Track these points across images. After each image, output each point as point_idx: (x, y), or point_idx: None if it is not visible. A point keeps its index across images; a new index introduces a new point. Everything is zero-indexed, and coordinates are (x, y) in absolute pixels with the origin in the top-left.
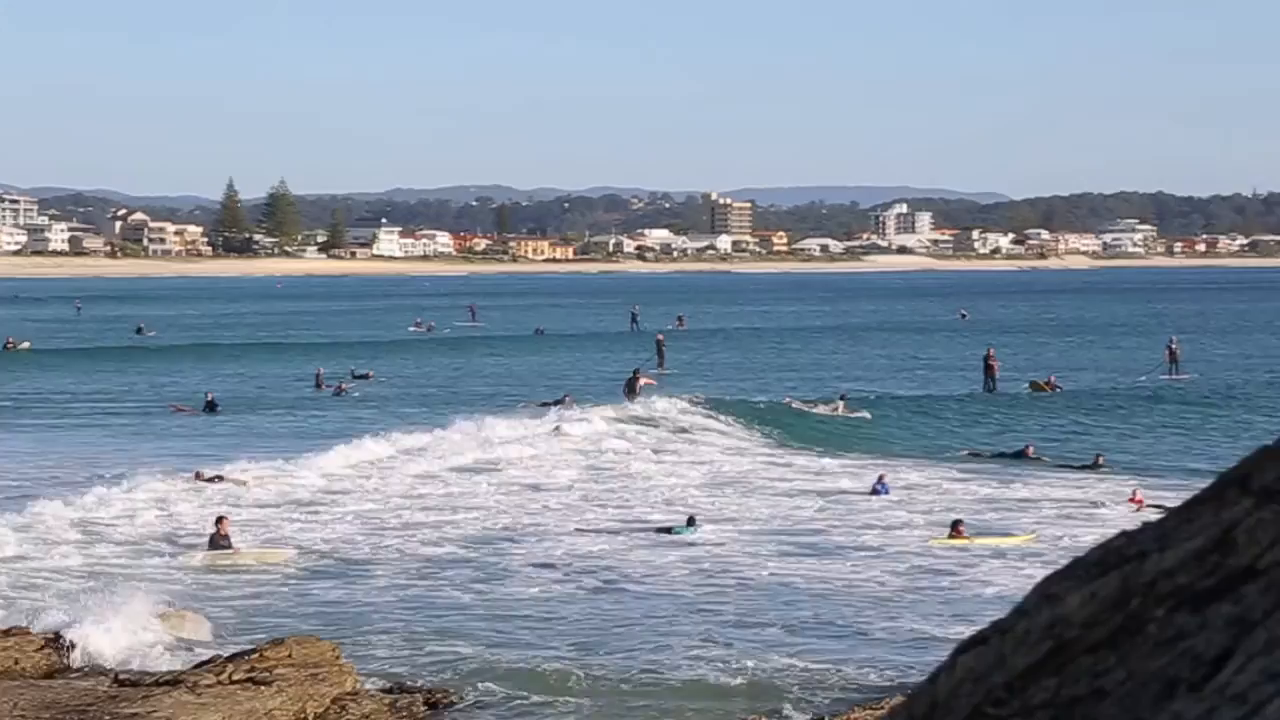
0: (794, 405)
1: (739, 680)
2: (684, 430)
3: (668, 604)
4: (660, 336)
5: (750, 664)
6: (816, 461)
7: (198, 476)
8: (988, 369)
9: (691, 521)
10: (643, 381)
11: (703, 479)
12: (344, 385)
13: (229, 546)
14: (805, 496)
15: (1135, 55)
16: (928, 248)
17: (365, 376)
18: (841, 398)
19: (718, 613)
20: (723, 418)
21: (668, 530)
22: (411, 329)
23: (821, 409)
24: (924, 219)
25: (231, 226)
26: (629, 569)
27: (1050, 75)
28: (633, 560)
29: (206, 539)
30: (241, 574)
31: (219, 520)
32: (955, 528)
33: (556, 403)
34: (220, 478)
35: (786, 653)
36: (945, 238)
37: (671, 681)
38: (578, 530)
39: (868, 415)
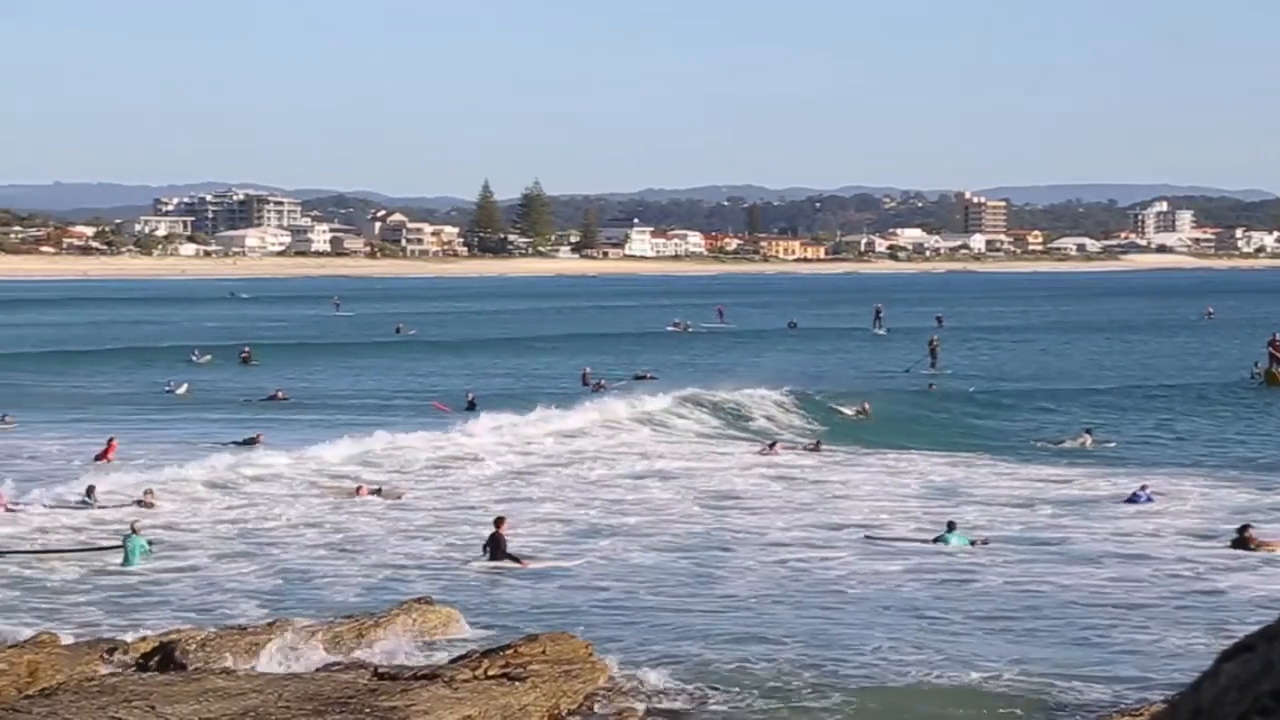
0: (1039, 445)
1: (1000, 688)
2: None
3: (906, 611)
4: (934, 338)
5: (1009, 671)
6: (1056, 470)
7: (358, 492)
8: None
9: (952, 527)
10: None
11: (920, 488)
12: (603, 382)
13: (507, 555)
14: (1051, 505)
15: None
16: (1189, 246)
17: (644, 377)
18: (1087, 431)
19: (973, 619)
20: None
21: (938, 540)
22: (670, 328)
23: (1069, 443)
24: (1185, 217)
25: (486, 227)
26: (875, 578)
27: None
28: (870, 569)
29: (485, 539)
30: (491, 572)
31: (498, 521)
32: (1244, 533)
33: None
34: (378, 491)
35: (1045, 659)
36: (1207, 236)
37: (927, 687)
38: (867, 538)
39: (1113, 443)
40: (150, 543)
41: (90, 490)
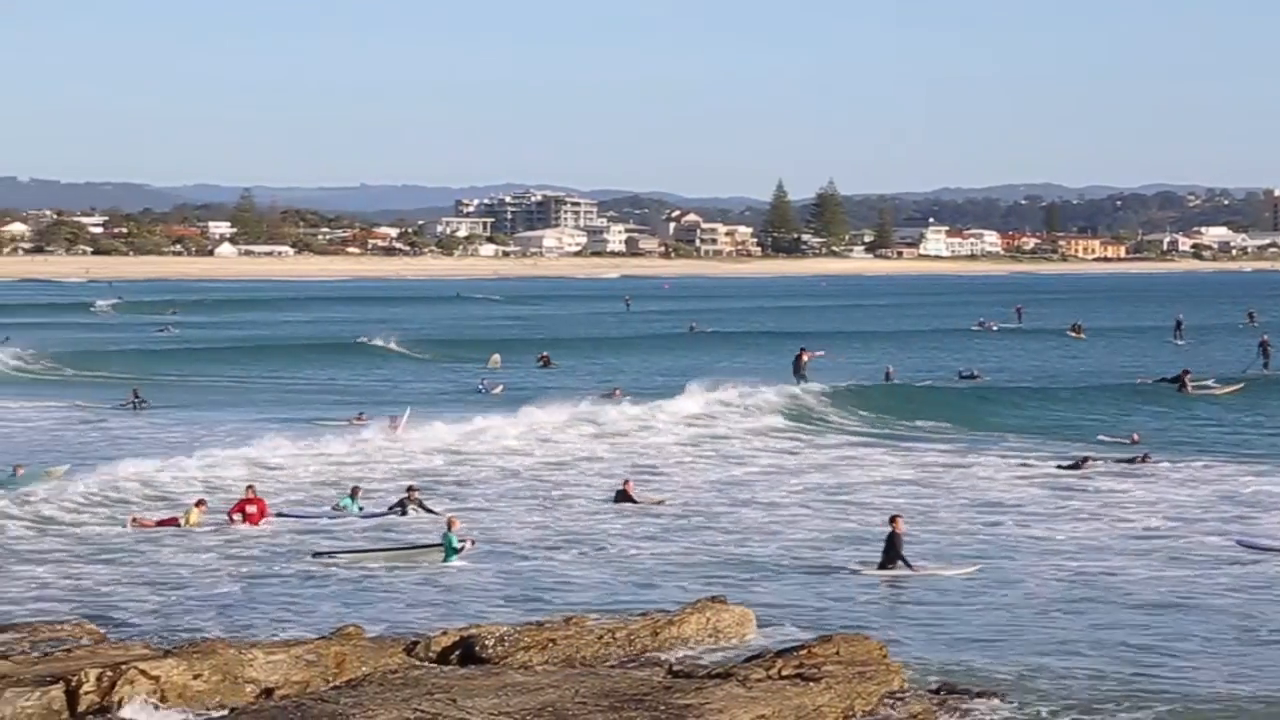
0: None
1: None
2: None
3: (1226, 621)
4: (1265, 337)
5: None
6: None
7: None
8: None
9: None
10: (807, 357)
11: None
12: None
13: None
14: None
15: None
16: None
17: (973, 376)
18: None
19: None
20: None
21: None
22: (974, 327)
23: None
24: None
25: (780, 227)
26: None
27: None
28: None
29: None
30: (785, 572)
31: (894, 519)
32: None
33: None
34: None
35: None
36: None
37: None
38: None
39: None
40: (463, 541)
41: (407, 496)
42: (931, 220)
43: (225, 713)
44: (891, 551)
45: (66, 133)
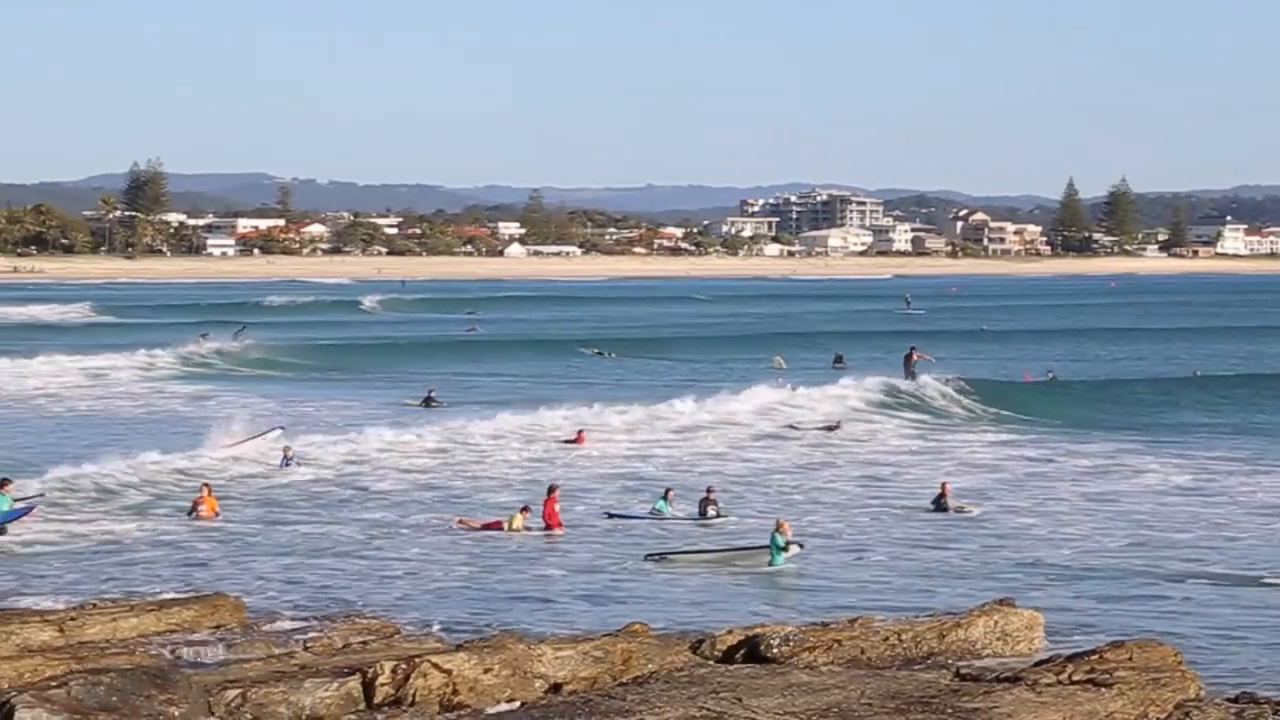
0: None
1: None
2: None
3: None
4: None
5: None
6: None
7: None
8: None
9: None
10: (916, 357)
11: None
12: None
13: None
14: None
15: None
16: None
17: None
18: None
19: None
20: None
21: None
22: None
23: None
24: None
25: (1070, 225)
26: None
27: None
28: None
29: None
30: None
31: None
32: None
33: None
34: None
35: None
36: None
37: None
38: None
39: None
40: (791, 543)
41: (706, 498)
42: (1229, 218)
43: (515, 706)
44: None
45: (364, 138)
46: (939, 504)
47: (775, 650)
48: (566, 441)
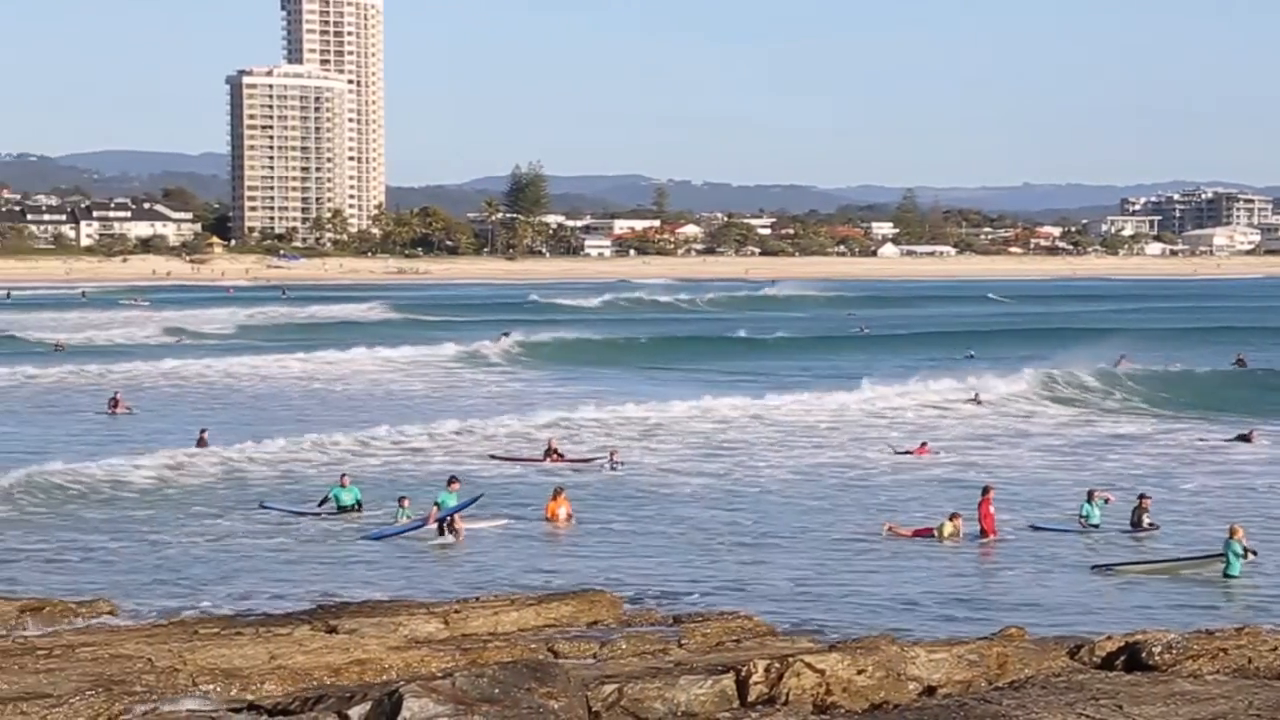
0: None
1: None
2: None
3: None
4: None
5: None
6: None
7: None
8: None
9: None
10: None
11: None
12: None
13: None
14: None
15: None
16: None
17: None
18: None
19: None
20: None
21: None
22: None
23: None
24: None
25: None
26: None
27: None
28: None
29: None
30: None
31: None
32: None
33: None
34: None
35: None
36: None
37: None
38: None
39: None
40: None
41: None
42: None
43: (890, 709)
44: None
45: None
46: None
47: (1157, 658)
48: (903, 453)
